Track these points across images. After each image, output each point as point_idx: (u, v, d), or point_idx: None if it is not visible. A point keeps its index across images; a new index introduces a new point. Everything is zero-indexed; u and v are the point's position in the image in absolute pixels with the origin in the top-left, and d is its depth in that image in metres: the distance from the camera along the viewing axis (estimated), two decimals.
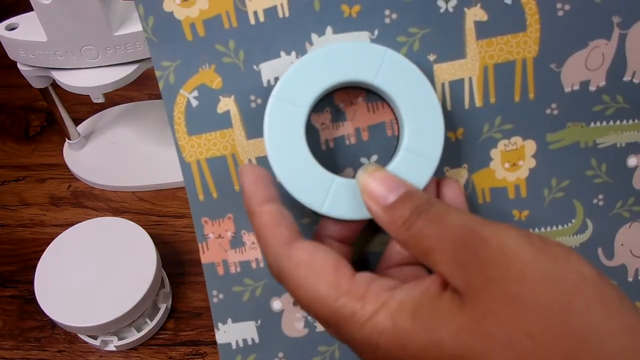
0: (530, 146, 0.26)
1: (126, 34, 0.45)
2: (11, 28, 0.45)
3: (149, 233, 0.45)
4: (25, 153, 0.59)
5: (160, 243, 0.46)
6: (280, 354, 0.27)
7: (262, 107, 0.25)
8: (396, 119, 0.25)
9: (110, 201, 0.55)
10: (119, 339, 0.45)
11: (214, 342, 0.46)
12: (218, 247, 0.27)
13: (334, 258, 0.21)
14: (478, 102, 0.26)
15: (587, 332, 0.17)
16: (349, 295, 0.20)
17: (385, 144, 0.26)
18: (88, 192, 0.56)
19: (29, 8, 0.42)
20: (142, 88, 0.64)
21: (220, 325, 0.27)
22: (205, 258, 0.27)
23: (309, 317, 0.26)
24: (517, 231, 0.19)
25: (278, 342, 0.27)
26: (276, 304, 0.27)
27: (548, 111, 0.26)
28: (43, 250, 0.43)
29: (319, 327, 0.27)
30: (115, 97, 0.62)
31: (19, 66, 0.47)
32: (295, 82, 0.23)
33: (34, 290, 0.41)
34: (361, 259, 0.27)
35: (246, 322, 0.27)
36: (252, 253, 0.26)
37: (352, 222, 0.24)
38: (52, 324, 0.46)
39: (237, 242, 0.26)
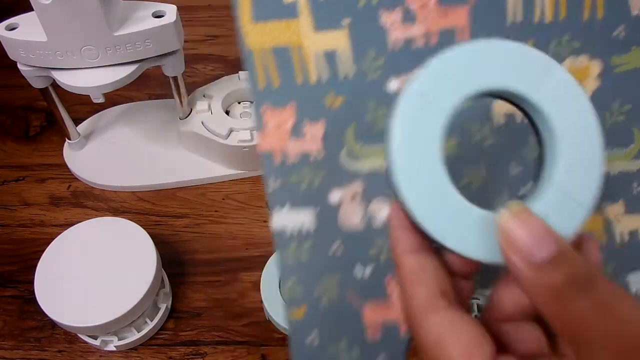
0: (595, 67, 0.26)
1: (126, 34, 0.45)
2: (11, 28, 0.45)
3: (149, 233, 0.45)
4: (25, 153, 0.59)
5: (160, 243, 0.46)
6: (337, 243, 0.26)
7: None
8: (539, 141, 0.21)
9: (110, 201, 0.55)
10: (119, 339, 0.45)
11: (214, 342, 0.46)
12: (277, 136, 0.26)
13: (466, 342, 0.18)
14: (548, 17, 0.25)
15: None
16: None
17: None
18: (88, 192, 0.56)
19: (29, 8, 0.42)
20: (142, 88, 0.64)
21: (275, 211, 0.26)
22: (262, 146, 0.26)
23: (367, 210, 0.26)
24: None
25: (335, 232, 0.26)
26: (334, 196, 0.26)
27: (615, 33, 0.26)
28: (43, 250, 0.43)
29: (377, 223, 0.26)
30: (115, 97, 0.62)
31: (19, 66, 0.47)
32: (442, 78, 0.19)
33: (34, 290, 0.41)
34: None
35: (303, 210, 0.26)
36: (311, 144, 0.25)
37: None
38: (52, 324, 0.46)
39: (297, 132, 0.25)
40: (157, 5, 0.46)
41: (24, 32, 0.44)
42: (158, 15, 0.46)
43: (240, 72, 0.58)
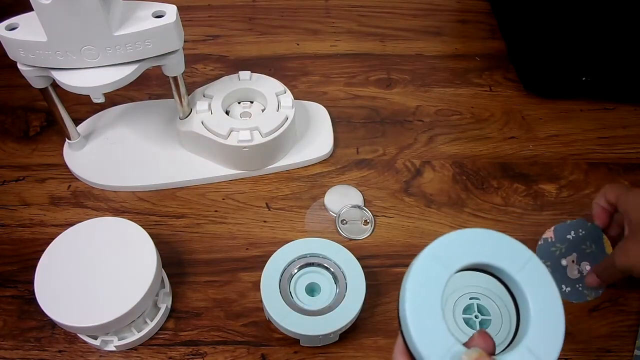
0: None
1: (126, 34, 0.45)
2: (11, 28, 0.45)
3: (149, 233, 0.45)
4: (25, 153, 0.59)
5: (160, 243, 0.46)
6: None
7: None
8: (516, 309, 0.29)
9: (110, 201, 0.55)
10: (119, 339, 0.45)
11: (214, 342, 0.46)
12: None
13: None
14: None
15: None
16: None
17: None
18: (88, 192, 0.56)
19: (29, 8, 0.42)
20: (142, 88, 0.64)
21: None
22: None
23: (579, 268, 0.40)
24: None
25: None
26: (563, 262, 0.40)
27: None
28: (43, 250, 0.43)
29: None
30: (115, 97, 0.62)
31: (19, 66, 0.47)
32: (452, 248, 0.27)
33: (34, 290, 0.41)
34: None
35: None
36: None
37: None
38: (52, 324, 0.46)
39: None
40: (157, 5, 0.46)
41: (24, 32, 0.44)
42: (158, 15, 0.46)
43: (240, 72, 0.58)
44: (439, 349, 0.25)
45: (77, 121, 0.59)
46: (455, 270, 0.27)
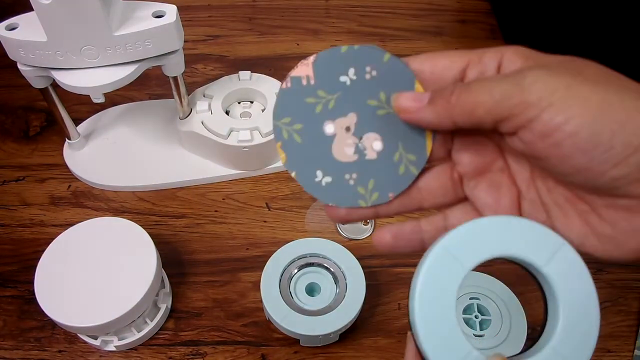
0: None
1: (126, 34, 0.45)
2: (11, 28, 0.45)
3: (149, 233, 0.45)
4: (25, 153, 0.59)
5: (160, 243, 0.46)
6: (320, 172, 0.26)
7: None
8: (545, 305, 0.25)
9: (110, 201, 0.55)
10: (119, 339, 0.45)
11: (214, 342, 0.46)
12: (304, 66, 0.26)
13: None
14: None
15: None
16: None
17: None
18: (88, 192, 0.56)
19: (29, 8, 0.42)
20: (142, 88, 0.64)
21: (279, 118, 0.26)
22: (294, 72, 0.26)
23: (359, 144, 0.26)
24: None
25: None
26: (329, 128, 0.26)
27: None
28: (43, 250, 0.43)
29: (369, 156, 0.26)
30: (115, 97, 0.62)
31: (19, 66, 0.47)
32: (468, 241, 0.23)
33: (34, 290, 0.41)
34: None
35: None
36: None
37: None
38: (52, 324, 0.46)
39: None
40: (157, 5, 0.46)
41: (24, 32, 0.44)
42: (158, 15, 0.46)
43: (240, 72, 0.58)
44: (454, 357, 0.23)
45: (77, 121, 0.59)
46: (472, 267, 0.23)
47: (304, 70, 0.26)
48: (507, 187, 0.26)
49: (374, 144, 0.26)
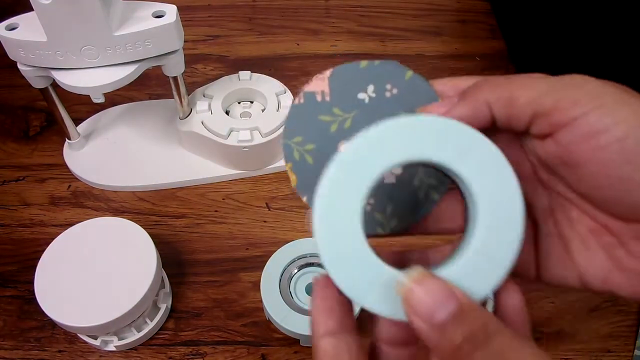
0: None
1: (126, 34, 0.45)
2: (11, 28, 0.45)
3: (149, 233, 0.45)
4: (25, 153, 0.59)
5: (160, 243, 0.46)
6: None
7: None
8: (465, 207, 0.22)
9: (110, 201, 0.55)
10: (119, 339, 0.45)
11: (214, 342, 0.46)
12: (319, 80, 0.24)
13: None
14: None
15: None
16: None
17: None
18: (88, 192, 0.56)
19: (29, 8, 0.42)
20: (142, 88, 0.64)
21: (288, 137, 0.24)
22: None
23: None
24: None
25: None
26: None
27: None
28: (43, 250, 0.43)
29: None
30: (115, 97, 0.62)
31: (19, 66, 0.47)
32: (375, 147, 0.20)
33: (34, 290, 0.41)
34: None
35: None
36: None
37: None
38: (52, 324, 0.46)
39: None
40: (157, 5, 0.46)
41: (24, 32, 0.44)
42: (158, 15, 0.46)
43: (240, 72, 0.58)
44: (364, 279, 0.20)
45: (77, 121, 0.59)
46: (380, 173, 0.20)
47: (318, 85, 0.24)
48: None
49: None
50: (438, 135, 0.20)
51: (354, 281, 0.20)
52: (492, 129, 0.22)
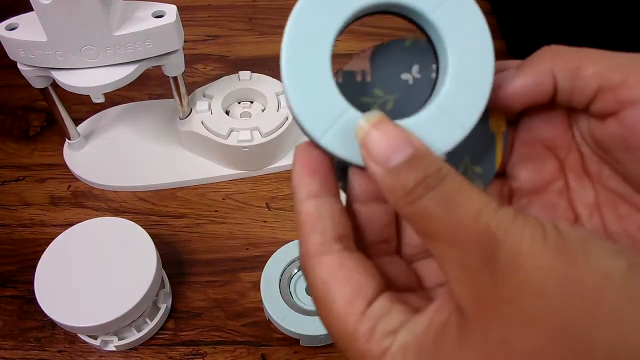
0: None
1: (126, 34, 0.45)
2: (11, 28, 0.45)
3: (149, 233, 0.45)
4: (25, 153, 0.59)
5: (160, 243, 0.46)
6: None
7: None
8: (436, 61, 0.21)
9: (110, 201, 0.55)
10: (119, 339, 0.45)
11: (214, 342, 0.46)
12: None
13: (353, 285, 0.19)
14: None
15: (618, 351, 0.14)
16: (355, 336, 0.18)
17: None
18: (88, 192, 0.56)
19: (29, 8, 0.42)
20: (142, 88, 0.64)
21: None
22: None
23: None
24: (532, 228, 0.16)
25: None
26: None
27: None
28: (43, 250, 0.43)
29: None
30: (115, 97, 0.62)
31: (19, 66, 0.47)
32: None
33: (34, 290, 0.41)
34: None
35: None
36: None
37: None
38: (52, 324, 0.46)
39: None
40: (157, 5, 0.46)
41: (24, 32, 0.44)
42: (158, 15, 0.46)
43: (240, 72, 0.58)
44: (325, 116, 0.19)
45: (77, 121, 0.59)
46: (348, 15, 0.20)
47: (359, 64, 0.22)
48: (564, 211, 0.23)
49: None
50: None
51: (315, 116, 0.19)
52: (548, 107, 0.21)
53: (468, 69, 0.20)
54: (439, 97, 0.20)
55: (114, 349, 0.45)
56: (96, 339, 0.44)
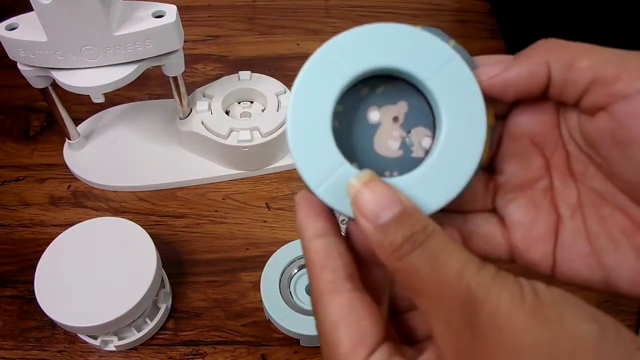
0: None
1: (126, 34, 0.45)
2: (11, 28, 0.45)
3: (149, 233, 0.45)
4: (25, 153, 0.59)
5: (160, 243, 0.46)
6: None
7: None
8: (432, 122, 0.22)
9: (110, 201, 0.55)
10: (119, 339, 0.45)
11: (214, 342, 0.46)
12: None
13: (360, 331, 0.19)
14: None
15: None
16: None
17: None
18: (88, 192, 0.56)
19: (29, 8, 0.42)
20: (142, 88, 0.64)
21: None
22: None
23: (406, 139, 0.23)
24: (511, 289, 0.17)
25: None
26: (373, 115, 0.23)
27: None
28: (43, 250, 0.43)
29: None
30: (115, 97, 0.62)
31: (19, 66, 0.47)
32: (350, 49, 0.21)
33: (34, 290, 0.41)
34: None
35: None
36: None
37: None
38: (52, 324, 0.46)
39: None
40: (157, 5, 0.46)
41: (24, 32, 0.44)
42: (158, 15, 0.46)
43: (240, 72, 0.58)
44: (322, 169, 0.21)
45: (77, 121, 0.59)
46: (351, 77, 0.21)
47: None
48: (547, 209, 0.23)
49: (423, 141, 0.22)
50: (417, 47, 0.21)
51: (312, 168, 0.21)
52: (538, 102, 0.21)
53: (461, 134, 0.21)
54: (431, 158, 0.21)
55: (114, 349, 0.45)
56: (96, 339, 0.44)
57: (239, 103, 0.58)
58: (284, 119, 0.55)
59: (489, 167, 0.24)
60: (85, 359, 0.45)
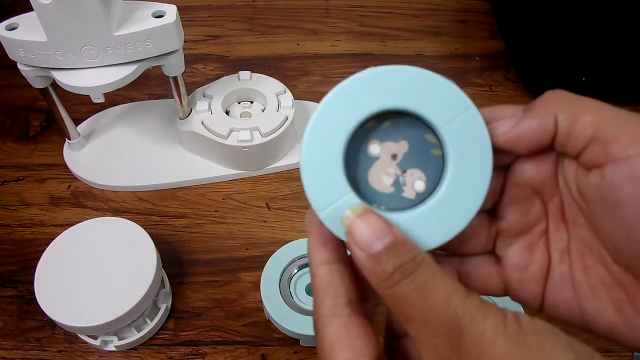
0: None
1: (126, 34, 0.45)
2: (11, 28, 0.45)
3: (149, 233, 0.45)
4: (25, 153, 0.59)
5: (160, 243, 0.46)
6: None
7: None
8: (442, 170, 0.23)
9: (110, 201, 0.55)
10: (119, 339, 0.45)
11: (214, 342, 0.46)
12: None
13: (353, 351, 0.21)
14: None
15: None
16: None
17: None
18: (88, 192, 0.56)
19: (29, 8, 0.42)
20: (142, 88, 0.64)
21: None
22: None
23: (400, 178, 0.24)
24: (494, 318, 0.18)
25: None
26: (374, 148, 0.24)
27: None
28: (43, 250, 0.43)
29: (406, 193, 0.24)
30: (115, 97, 0.62)
31: (19, 66, 0.47)
32: (369, 87, 0.22)
33: (34, 290, 0.41)
34: None
35: None
36: None
37: None
38: (52, 324, 0.46)
39: None
40: (157, 5, 0.46)
41: (24, 32, 0.44)
42: (158, 15, 0.46)
43: (240, 72, 0.58)
44: (328, 195, 0.22)
45: (77, 121, 0.59)
46: (369, 113, 0.22)
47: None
48: (541, 253, 0.24)
49: (416, 184, 0.23)
50: (435, 93, 0.22)
51: (318, 194, 0.22)
52: (539, 153, 0.23)
53: (464, 184, 0.22)
54: (432, 200, 0.22)
55: (114, 349, 0.45)
56: (96, 339, 0.44)
57: (239, 103, 0.58)
58: (284, 119, 0.55)
59: (491, 211, 0.25)
60: (85, 359, 0.45)
